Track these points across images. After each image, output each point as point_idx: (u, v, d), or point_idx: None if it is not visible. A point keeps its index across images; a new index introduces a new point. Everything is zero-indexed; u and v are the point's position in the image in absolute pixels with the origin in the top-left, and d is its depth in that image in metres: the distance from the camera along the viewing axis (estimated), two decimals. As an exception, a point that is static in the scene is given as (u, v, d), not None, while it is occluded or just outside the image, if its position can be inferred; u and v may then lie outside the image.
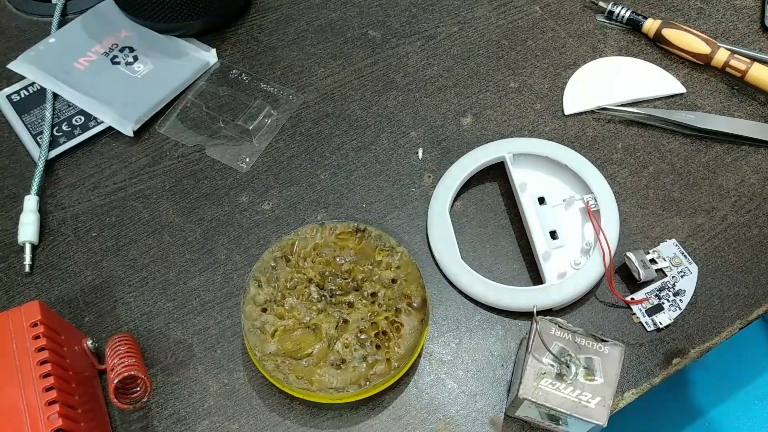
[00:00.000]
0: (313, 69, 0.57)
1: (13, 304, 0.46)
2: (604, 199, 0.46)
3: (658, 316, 0.44)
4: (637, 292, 0.45)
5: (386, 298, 0.43)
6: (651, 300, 0.45)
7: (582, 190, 0.48)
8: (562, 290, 0.44)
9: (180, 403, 0.43)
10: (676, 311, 0.44)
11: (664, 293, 0.45)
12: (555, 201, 0.48)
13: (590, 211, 0.46)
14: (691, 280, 0.45)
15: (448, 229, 0.47)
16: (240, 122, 0.53)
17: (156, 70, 0.56)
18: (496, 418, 0.42)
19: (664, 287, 0.45)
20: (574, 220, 0.47)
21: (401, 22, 0.60)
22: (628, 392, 0.43)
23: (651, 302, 0.45)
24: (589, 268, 0.44)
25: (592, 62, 0.56)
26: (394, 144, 0.53)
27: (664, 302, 0.45)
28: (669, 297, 0.45)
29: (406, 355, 0.41)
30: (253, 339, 0.42)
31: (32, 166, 0.52)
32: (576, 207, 0.48)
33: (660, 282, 0.46)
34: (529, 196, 0.48)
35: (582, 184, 0.48)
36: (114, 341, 0.42)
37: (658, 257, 0.46)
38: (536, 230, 0.46)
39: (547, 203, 0.48)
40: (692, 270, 0.46)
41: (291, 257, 0.45)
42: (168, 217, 0.50)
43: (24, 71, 0.55)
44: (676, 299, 0.45)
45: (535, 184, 0.49)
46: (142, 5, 0.55)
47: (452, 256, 0.46)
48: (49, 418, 0.34)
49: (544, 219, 0.47)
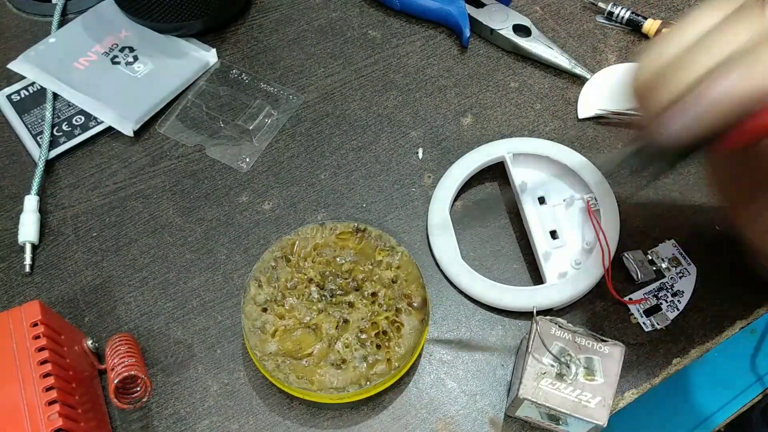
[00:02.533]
0: (313, 69, 0.57)
1: (13, 304, 0.46)
2: (605, 198, 0.46)
3: (656, 317, 0.44)
4: (636, 293, 0.45)
5: (386, 298, 0.43)
6: (649, 300, 0.45)
7: (582, 190, 0.48)
8: (562, 290, 0.44)
9: (180, 402, 0.43)
10: (674, 312, 0.44)
11: (663, 294, 0.45)
12: (555, 201, 0.48)
13: (590, 210, 0.46)
14: (689, 281, 0.45)
15: (448, 229, 0.47)
16: (240, 122, 0.53)
17: (156, 70, 0.56)
18: (496, 418, 0.42)
19: (663, 288, 0.45)
20: (575, 220, 0.47)
21: (401, 22, 0.60)
22: (628, 392, 0.43)
23: (649, 302, 0.45)
24: (589, 268, 0.44)
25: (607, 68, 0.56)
26: (394, 144, 0.53)
27: (663, 303, 0.45)
28: (667, 298, 0.45)
29: (407, 355, 0.41)
30: (254, 339, 0.42)
31: (32, 166, 0.52)
32: (576, 207, 0.48)
33: (658, 282, 0.45)
34: (529, 196, 0.48)
35: (582, 184, 0.48)
36: (114, 341, 0.42)
37: (656, 258, 0.46)
38: (536, 230, 0.46)
39: (548, 203, 0.48)
40: (691, 271, 0.46)
41: (291, 257, 0.45)
42: (168, 217, 0.50)
43: (24, 71, 0.55)
44: (675, 300, 0.45)
45: (536, 184, 0.49)
46: (142, 5, 0.55)
47: (452, 256, 0.46)
48: (49, 418, 0.34)
49: (544, 219, 0.47)
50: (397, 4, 0.59)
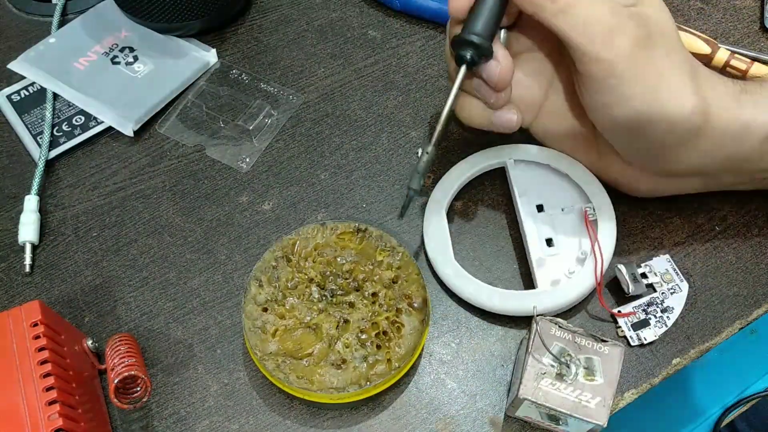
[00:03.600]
0: (313, 69, 0.57)
1: (13, 304, 0.46)
2: (603, 209, 0.46)
3: (643, 332, 0.44)
4: (625, 306, 0.45)
5: (387, 299, 0.43)
6: (638, 314, 0.44)
7: (581, 200, 0.47)
8: (553, 297, 0.43)
9: (180, 402, 0.43)
10: (662, 328, 0.44)
11: (652, 309, 0.44)
12: (553, 209, 0.48)
13: (588, 220, 0.46)
14: (680, 298, 0.45)
15: (443, 230, 0.47)
16: (240, 122, 0.54)
17: (156, 70, 0.56)
18: (496, 418, 0.42)
19: (653, 303, 0.45)
20: (572, 229, 0.47)
21: (401, 22, 0.60)
22: (628, 392, 0.43)
23: (638, 317, 0.44)
24: (582, 278, 0.44)
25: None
26: (394, 144, 0.53)
27: (651, 318, 0.44)
28: (656, 313, 0.44)
29: (407, 356, 0.41)
30: (254, 338, 0.42)
31: (32, 166, 0.52)
32: (574, 216, 0.47)
33: (649, 297, 0.45)
34: (527, 203, 0.47)
35: (581, 194, 0.47)
36: (114, 341, 0.42)
37: (649, 272, 0.45)
38: (532, 236, 0.46)
39: (545, 211, 0.48)
40: (682, 288, 0.45)
41: (292, 257, 0.45)
42: (168, 217, 0.50)
43: (24, 71, 0.55)
44: (663, 316, 0.44)
45: (535, 191, 0.48)
46: (142, 5, 0.55)
47: (446, 258, 0.46)
48: (50, 418, 0.34)
49: (541, 226, 0.47)
50: (397, 4, 0.59)
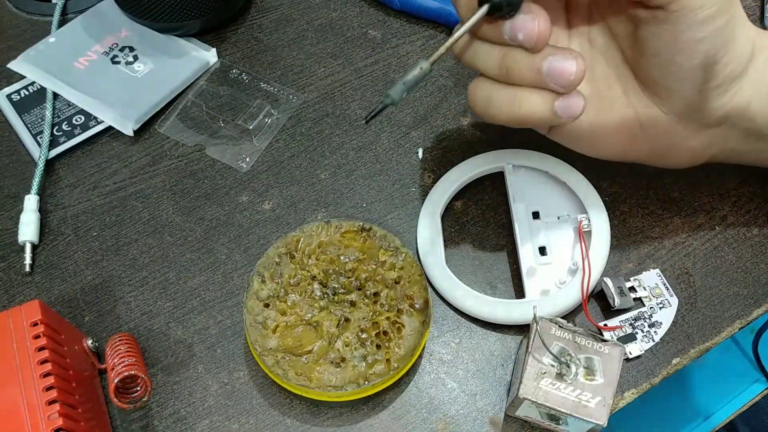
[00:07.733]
0: (313, 69, 0.57)
1: (13, 304, 0.46)
2: (598, 220, 0.45)
3: (629, 346, 0.43)
4: (612, 319, 0.44)
5: (388, 299, 0.43)
6: (624, 329, 0.44)
7: (577, 210, 0.47)
8: (541, 307, 0.43)
9: (180, 402, 0.43)
10: (648, 343, 0.43)
11: (639, 323, 0.44)
12: (549, 217, 0.47)
13: (581, 231, 0.45)
14: (669, 313, 0.44)
15: (435, 232, 0.47)
16: (240, 122, 0.54)
17: (156, 70, 0.56)
18: (496, 418, 0.42)
19: (640, 317, 0.44)
20: (566, 239, 0.46)
21: (401, 22, 0.60)
22: (628, 392, 0.43)
23: (624, 331, 0.44)
24: (572, 289, 0.43)
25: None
26: (394, 144, 0.53)
27: (638, 332, 0.44)
28: (644, 327, 0.44)
29: (406, 357, 0.41)
30: (255, 334, 0.42)
31: (32, 166, 0.52)
32: (569, 226, 0.47)
33: (636, 311, 0.44)
34: (523, 210, 0.47)
35: (578, 204, 0.47)
36: (114, 341, 0.42)
37: (638, 286, 0.45)
38: (525, 244, 0.45)
39: (541, 218, 0.47)
40: (672, 303, 0.45)
41: (295, 254, 0.45)
42: (168, 216, 0.50)
43: (24, 71, 0.55)
44: (651, 331, 0.44)
45: (532, 197, 0.48)
46: (142, 5, 0.55)
47: (436, 260, 0.46)
48: (50, 418, 0.34)
49: (535, 234, 0.46)
50: (397, 4, 0.59)
